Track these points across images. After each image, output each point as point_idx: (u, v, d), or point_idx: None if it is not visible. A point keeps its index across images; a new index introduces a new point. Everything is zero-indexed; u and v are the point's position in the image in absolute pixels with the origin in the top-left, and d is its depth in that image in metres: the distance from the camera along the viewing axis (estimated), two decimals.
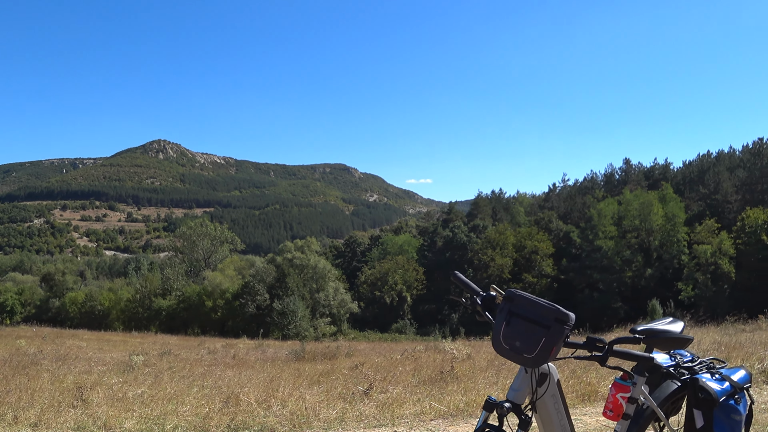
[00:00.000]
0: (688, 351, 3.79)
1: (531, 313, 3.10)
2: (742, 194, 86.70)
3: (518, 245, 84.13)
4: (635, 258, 79.33)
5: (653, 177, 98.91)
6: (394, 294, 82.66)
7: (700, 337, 14.07)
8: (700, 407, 3.47)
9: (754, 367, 8.86)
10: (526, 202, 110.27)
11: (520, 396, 3.19)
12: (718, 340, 12.71)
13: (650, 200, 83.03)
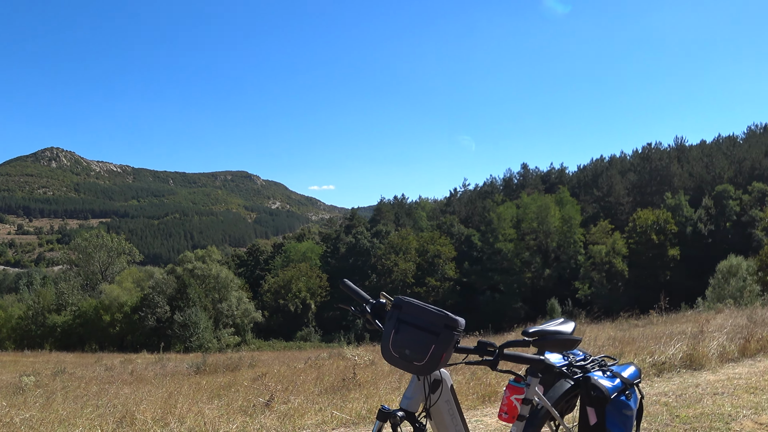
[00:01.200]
0: (581, 350, 3.85)
1: (420, 320, 3.03)
2: (633, 196, 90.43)
3: (421, 250, 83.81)
4: (534, 259, 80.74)
5: (550, 181, 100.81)
6: (298, 302, 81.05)
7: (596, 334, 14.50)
8: (593, 404, 3.49)
9: (646, 360, 8.91)
10: (428, 207, 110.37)
11: (414, 404, 3.15)
12: (613, 336, 13.21)
13: (547, 203, 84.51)
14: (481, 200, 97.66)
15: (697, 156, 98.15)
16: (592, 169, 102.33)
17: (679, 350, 9.17)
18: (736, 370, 8.43)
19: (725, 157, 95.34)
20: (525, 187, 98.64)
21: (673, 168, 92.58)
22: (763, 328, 10.66)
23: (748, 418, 6.03)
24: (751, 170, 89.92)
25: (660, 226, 77.66)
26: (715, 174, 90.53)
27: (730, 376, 8.01)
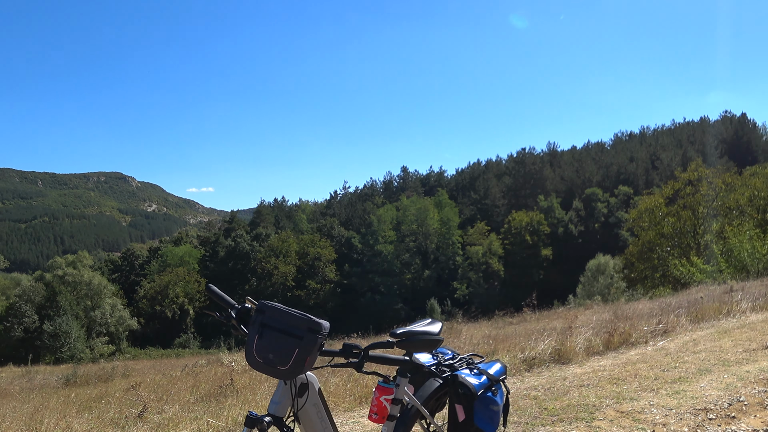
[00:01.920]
0: (450, 349, 3.90)
1: (283, 324, 3.01)
2: (508, 199, 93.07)
3: (301, 252, 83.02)
4: (414, 260, 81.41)
5: (429, 184, 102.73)
6: (176, 308, 78.32)
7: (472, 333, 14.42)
8: (461, 402, 3.52)
9: (517, 356, 8.94)
10: (309, 209, 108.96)
11: (281, 408, 3.13)
12: (488, 334, 13.20)
13: (427, 206, 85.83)
14: (361, 203, 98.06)
15: (569, 161, 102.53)
16: (469, 172, 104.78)
17: (549, 346, 9.27)
18: (600, 363, 8.53)
19: (594, 162, 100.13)
20: (405, 189, 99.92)
21: (546, 172, 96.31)
22: (626, 322, 10.90)
23: (610, 408, 6.13)
24: (617, 174, 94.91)
25: (534, 227, 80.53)
26: (585, 178, 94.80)
27: (595, 369, 8.09)
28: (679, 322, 10.73)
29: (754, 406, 5.93)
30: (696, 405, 6.04)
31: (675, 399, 6.30)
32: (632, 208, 57.88)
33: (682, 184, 43.12)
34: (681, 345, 9.11)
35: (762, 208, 39.91)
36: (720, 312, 11.25)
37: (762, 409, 5.85)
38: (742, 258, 28.31)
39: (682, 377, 7.15)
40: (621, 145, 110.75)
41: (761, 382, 6.64)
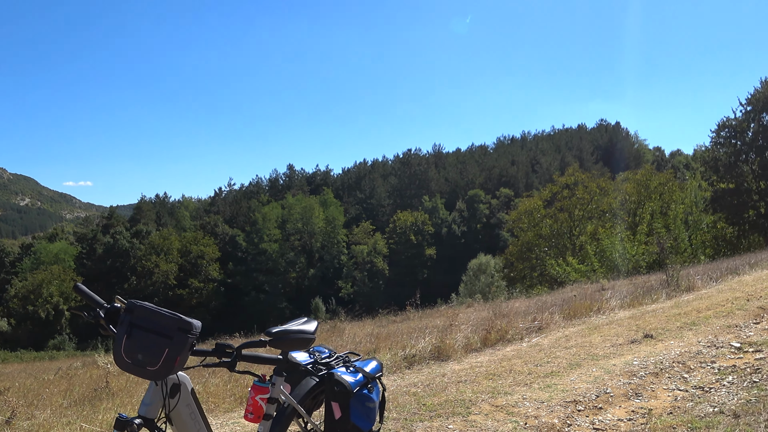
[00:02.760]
0: (327, 347, 3.94)
1: (153, 323, 2.95)
2: (393, 199, 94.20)
3: (184, 250, 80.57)
4: (299, 259, 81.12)
5: (315, 182, 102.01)
6: (50, 308, 73.63)
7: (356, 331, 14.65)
8: (337, 399, 3.57)
9: (398, 354, 9.03)
10: (192, 206, 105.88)
11: (152, 410, 3.06)
12: (371, 332, 13.31)
13: (312, 204, 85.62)
14: (246, 200, 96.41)
15: (453, 162, 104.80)
16: (356, 172, 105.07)
17: (429, 343, 9.39)
18: (478, 359, 8.72)
19: (477, 165, 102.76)
20: (291, 188, 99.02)
21: (431, 173, 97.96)
22: (503, 319, 11.18)
23: (486, 402, 6.29)
24: (499, 177, 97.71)
25: (418, 227, 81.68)
26: (468, 179, 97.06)
27: (473, 365, 8.26)
28: (553, 319, 11.12)
29: (620, 397, 6.22)
30: (566, 397, 6.27)
31: (547, 392, 6.51)
32: (513, 209, 59.66)
33: (559, 187, 44.82)
34: (554, 341, 9.43)
35: (632, 211, 42.07)
36: (591, 309, 11.73)
37: (626, 400, 6.15)
38: (613, 258, 29.69)
39: (554, 371, 7.40)
40: (503, 149, 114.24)
41: (626, 375, 6.97)
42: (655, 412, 5.72)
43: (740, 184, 38.77)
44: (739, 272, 15.47)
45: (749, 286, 12.72)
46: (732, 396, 5.90)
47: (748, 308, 10.32)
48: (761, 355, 7.41)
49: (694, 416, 5.38)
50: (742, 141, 39.20)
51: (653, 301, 12.50)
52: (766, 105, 38.11)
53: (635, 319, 10.49)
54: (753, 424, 4.95)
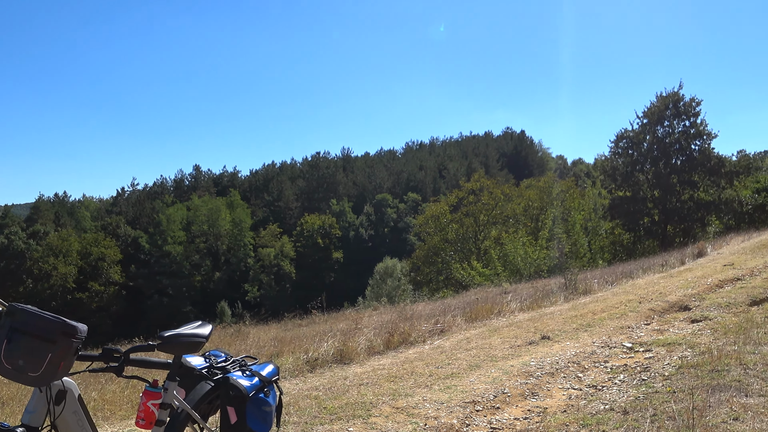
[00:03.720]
0: (224, 351, 3.91)
1: (35, 327, 2.82)
2: (301, 202, 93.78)
3: (84, 252, 77.40)
4: (204, 262, 79.63)
5: (222, 184, 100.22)
6: None
7: (261, 335, 14.47)
8: (232, 404, 3.53)
9: (301, 358, 8.99)
10: (93, 206, 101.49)
11: (37, 418, 2.97)
12: (275, 336, 13.30)
13: (219, 206, 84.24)
14: (150, 201, 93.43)
15: (362, 166, 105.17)
16: (263, 173, 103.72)
17: (332, 346, 9.40)
18: (381, 362, 8.76)
19: (386, 169, 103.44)
20: (197, 189, 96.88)
21: (339, 176, 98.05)
22: (407, 322, 11.27)
23: (387, 404, 6.33)
24: (407, 182, 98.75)
25: (326, 230, 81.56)
26: (377, 184, 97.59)
27: (375, 368, 8.29)
28: (455, 322, 11.28)
29: (516, 397, 6.39)
30: (465, 398, 6.37)
31: (446, 393, 6.60)
32: (420, 214, 60.37)
33: (465, 193, 45.57)
34: (455, 343, 9.56)
35: (535, 217, 43.25)
36: (492, 312, 11.96)
37: (523, 399, 6.32)
38: (516, 262, 30.41)
39: (454, 373, 7.51)
40: (411, 154, 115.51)
41: (523, 375, 7.15)
42: (549, 411, 5.89)
43: (636, 192, 40.43)
44: (633, 276, 16.09)
45: (642, 289, 13.25)
46: (622, 393, 6.14)
47: (640, 310, 10.75)
48: (650, 354, 7.74)
49: (586, 414, 5.57)
50: (638, 152, 40.86)
51: (552, 303, 12.86)
52: (660, 118, 39.89)
53: (534, 321, 10.76)
54: (640, 420, 5.16)
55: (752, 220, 35.02)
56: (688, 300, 11.27)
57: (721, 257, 17.88)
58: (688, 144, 39.59)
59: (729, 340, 7.77)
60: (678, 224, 39.66)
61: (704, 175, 39.28)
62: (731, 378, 6.01)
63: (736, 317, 9.33)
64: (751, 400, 5.30)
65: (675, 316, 10.28)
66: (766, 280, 12.51)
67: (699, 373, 6.40)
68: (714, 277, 13.54)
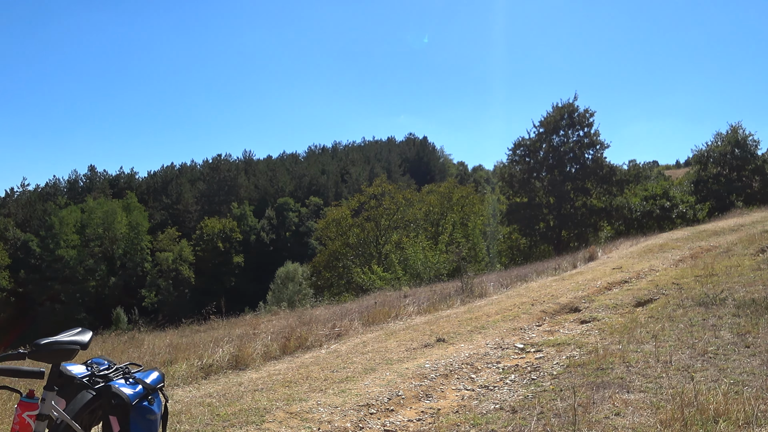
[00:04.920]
0: (107, 359, 3.79)
1: None
2: (201, 205, 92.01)
3: None
4: (99, 267, 76.72)
5: (119, 185, 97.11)
6: None
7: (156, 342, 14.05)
8: (115, 413, 3.43)
9: (195, 364, 8.92)
10: None
11: None
12: (170, 343, 12.84)
13: (115, 208, 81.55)
14: (41, 202, 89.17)
15: (263, 170, 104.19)
16: (162, 175, 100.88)
17: (227, 352, 9.32)
18: (276, 367, 8.70)
19: (288, 173, 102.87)
20: (92, 190, 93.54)
21: (240, 179, 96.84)
22: (304, 327, 11.27)
23: (281, 410, 6.30)
24: (309, 186, 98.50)
25: (226, 234, 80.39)
26: (278, 187, 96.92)
27: (271, 373, 8.23)
28: (353, 326, 11.32)
29: (411, 399, 6.45)
30: (360, 402, 6.40)
31: (341, 397, 6.61)
32: (322, 218, 60.27)
33: (367, 197, 45.79)
34: (352, 347, 9.58)
35: (435, 222, 43.89)
36: (389, 316, 12.05)
37: (417, 401, 6.40)
38: (416, 267, 30.74)
39: (349, 377, 7.53)
40: (314, 158, 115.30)
41: (418, 377, 7.23)
42: (442, 412, 5.99)
43: (532, 198, 41.62)
44: (528, 279, 16.53)
45: (535, 291, 13.62)
46: (513, 393, 6.31)
47: (532, 312, 11.05)
48: (541, 354, 7.97)
49: (477, 413, 5.69)
50: (534, 159, 42.08)
51: (449, 306, 13.05)
52: (555, 128, 41.24)
53: (430, 324, 10.90)
54: (528, 418, 5.32)
55: (641, 225, 36.53)
56: (578, 302, 11.64)
57: (611, 261, 18.55)
58: (581, 153, 41.07)
59: (614, 339, 8.08)
60: (572, 229, 41.06)
61: (597, 183, 40.85)
62: (615, 375, 6.25)
63: (622, 318, 9.71)
64: (632, 396, 5.53)
65: (565, 317, 10.62)
66: (651, 282, 13.05)
67: (585, 371, 6.63)
68: (603, 280, 14.04)
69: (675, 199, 38.10)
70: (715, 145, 44.01)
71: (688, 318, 8.67)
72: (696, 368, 6.21)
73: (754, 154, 42.40)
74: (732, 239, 20.53)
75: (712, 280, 11.82)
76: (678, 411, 4.84)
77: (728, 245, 18.64)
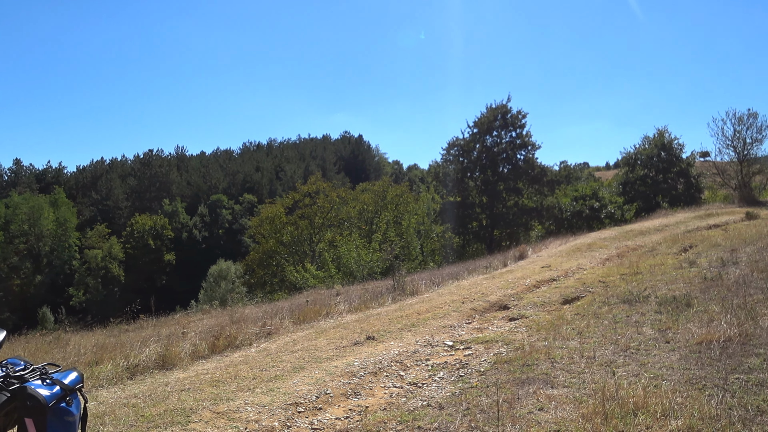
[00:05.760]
0: (23, 359, 3.62)
1: None
2: (132, 201, 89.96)
3: None
4: (24, 264, 73.90)
5: (46, 180, 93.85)
6: None
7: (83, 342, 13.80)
8: (31, 415, 3.27)
9: (120, 364, 8.77)
10: None
11: None
12: (97, 342, 12.64)
13: (41, 204, 78.73)
14: None
15: (197, 166, 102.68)
16: (91, 170, 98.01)
17: (154, 352, 9.18)
18: (205, 366, 8.61)
19: (222, 169, 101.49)
20: (17, 185, 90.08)
21: (173, 175, 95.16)
22: (234, 326, 11.17)
23: (207, 409, 6.23)
24: (243, 183, 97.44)
25: (157, 231, 78.89)
26: (212, 184, 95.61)
27: (199, 372, 8.13)
28: (283, 324, 11.27)
29: (339, 397, 6.46)
30: (288, 400, 6.38)
31: (269, 396, 6.57)
32: (255, 215, 59.78)
33: (301, 195, 45.57)
34: (282, 345, 9.53)
35: (369, 220, 43.96)
36: (320, 314, 12.01)
37: (345, 399, 6.41)
38: (349, 265, 30.73)
39: (278, 375, 7.49)
40: (249, 155, 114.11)
41: (346, 375, 7.24)
42: (370, 409, 6.01)
43: (466, 198, 42.11)
44: (459, 278, 16.70)
45: (466, 290, 13.76)
46: (441, 390, 6.37)
47: (462, 310, 11.17)
48: (470, 351, 8.07)
49: (404, 410, 5.72)
50: (468, 159, 42.57)
51: (380, 305, 13.09)
52: (489, 129, 41.80)
53: (361, 322, 10.91)
54: (454, 414, 5.39)
55: (570, 225, 37.41)
56: (507, 299, 11.82)
57: (540, 260, 18.90)
58: (514, 153, 41.74)
59: (541, 336, 8.26)
60: (504, 228, 41.70)
61: (528, 183, 41.59)
62: (540, 371, 6.38)
63: (549, 315, 9.91)
64: (556, 391, 5.64)
65: (495, 314, 10.76)
66: (578, 280, 13.35)
67: (511, 368, 6.75)
68: (532, 278, 14.29)
69: (604, 200, 39.08)
70: (642, 147, 45.43)
71: (613, 315, 8.91)
72: (618, 363, 6.38)
73: (679, 157, 43.88)
74: (657, 239, 21.18)
75: (636, 278, 12.16)
76: (599, 405, 4.96)
77: (653, 244, 19.22)
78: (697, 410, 4.72)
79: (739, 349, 6.36)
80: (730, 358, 6.08)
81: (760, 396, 4.99)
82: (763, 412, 4.68)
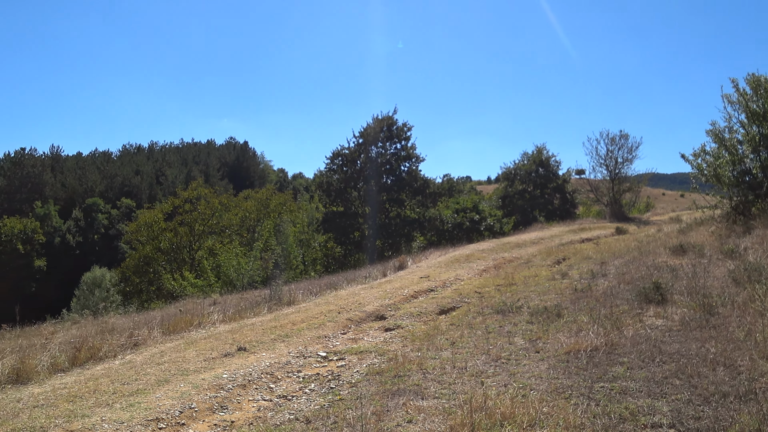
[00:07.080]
0: None
1: None
2: (0, 202, 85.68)
3: None
4: None
5: None
6: None
7: None
8: None
9: None
10: None
11: None
12: None
13: None
14: None
15: (72, 167, 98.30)
16: None
17: (7, 365, 8.61)
18: (64, 380, 8.07)
19: (99, 172, 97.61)
20: None
21: (46, 176, 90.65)
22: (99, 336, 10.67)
23: (60, 427, 5.87)
24: (121, 186, 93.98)
25: (27, 235, 74.72)
26: (88, 187, 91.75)
27: (56, 387, 7.61)
28: (152, 335, 10.81)
29: (204, 412, 6.21)
30: (148, 416, 6.09)
31: (129, 412, 6.26)
32: (134, 221, 57.84)
33: (182, 201, 44.38)
34: (148, 357, 9.14)
35: (251, 228, 43.28)
36: (192, 324, 11.60)
37: (211, 413, 6.17)
38: (229, 273, 30.09)
39: (140, 389, 7.16)
40: (128, 157, 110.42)
41: (214, 388, 6.97)
42: (236, 424, 5.83)
43: (348, 208, 42.10)
44: (337, 287, 16.59)
45: (343, 299, 13.66)
46: (310, 402, 6.26)
47: (338, 320, 11.06)
48: (343, 362, 7.97)
49: (271, 425, 5.58)
50: (352, 169, 42.60)
51: (256, 314, 12.79)
52: (374, 139, 42.01)
53: (234, 332, 10.60)
54: (320, 428, 5.30)
55: (452, 237, 38.00)
56: (384, 310, 11.80)
57: (420, 270, 19.05)
58: (398, 165, 42.09)
59: (415, 346, 8.27)
60: (386, 239, 41.93)
61: (411, 195, 42.04)
62: (411, 382, 6.35)
63: (425, 325, 9.94)
64: (426, 403, 5.62)
65: (371, 325, 10.71)
66: (455, 291, 13.51)
67: (383, 379, 6.70)
68: (410, 288, 14.35)
69: (484, 213, 40.01)
70: (521, 163, 46.97)
71: (486, 325, 9.04)
72: (488, 374, 6.45)
73: (555, 174, 45.65)
74: (532, 251, 21.82)
75: (511, 289, 12.43)
76: (467, 416, 4.96)
77: (529, 257, 19.79)
78: (562, 419, 4.80)
79: (605, 358, 6.57)
80: (596, 367, 6.26)
81: (623, 404, 5.14)
82: (625, 419, 4.81)
